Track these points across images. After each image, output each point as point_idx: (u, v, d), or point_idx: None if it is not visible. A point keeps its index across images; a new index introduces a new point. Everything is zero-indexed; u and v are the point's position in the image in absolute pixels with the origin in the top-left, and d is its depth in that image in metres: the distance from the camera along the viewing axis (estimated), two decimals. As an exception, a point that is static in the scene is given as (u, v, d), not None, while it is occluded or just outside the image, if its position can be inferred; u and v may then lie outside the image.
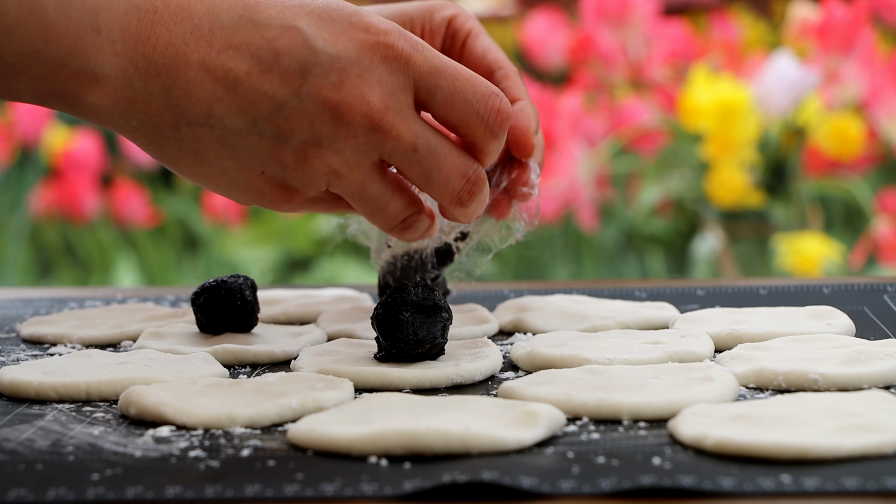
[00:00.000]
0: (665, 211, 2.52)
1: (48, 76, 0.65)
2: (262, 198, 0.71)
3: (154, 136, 0.69)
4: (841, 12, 2.19)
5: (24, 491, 0.55)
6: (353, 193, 0.71)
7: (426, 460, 0.57)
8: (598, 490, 0.54)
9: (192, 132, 0.68)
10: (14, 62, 0.65)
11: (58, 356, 0.76)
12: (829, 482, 0.53)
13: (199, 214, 2.92)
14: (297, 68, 0.68)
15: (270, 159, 0.69)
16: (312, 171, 0.69)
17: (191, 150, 0.69)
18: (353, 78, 0.68)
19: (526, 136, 0.80)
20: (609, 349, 0.73)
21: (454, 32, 0.83)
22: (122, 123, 0.68)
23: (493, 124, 0.72)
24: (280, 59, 0.67)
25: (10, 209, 2.81)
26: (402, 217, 0.73)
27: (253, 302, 0.80)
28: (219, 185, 0.71)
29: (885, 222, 2.17)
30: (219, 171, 0.70)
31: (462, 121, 0.71)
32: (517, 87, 0.82)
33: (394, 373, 0.70)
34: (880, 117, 2.20)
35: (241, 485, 0.55)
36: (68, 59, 0.65)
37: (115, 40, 0.66)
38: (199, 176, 0.71)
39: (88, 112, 0.67)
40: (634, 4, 2.28)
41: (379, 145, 0.69)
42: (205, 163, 0.69)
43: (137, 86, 0.67)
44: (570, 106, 2.31)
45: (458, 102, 0.71)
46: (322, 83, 0.68)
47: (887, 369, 0.68)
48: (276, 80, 0.68)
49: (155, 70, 0.67)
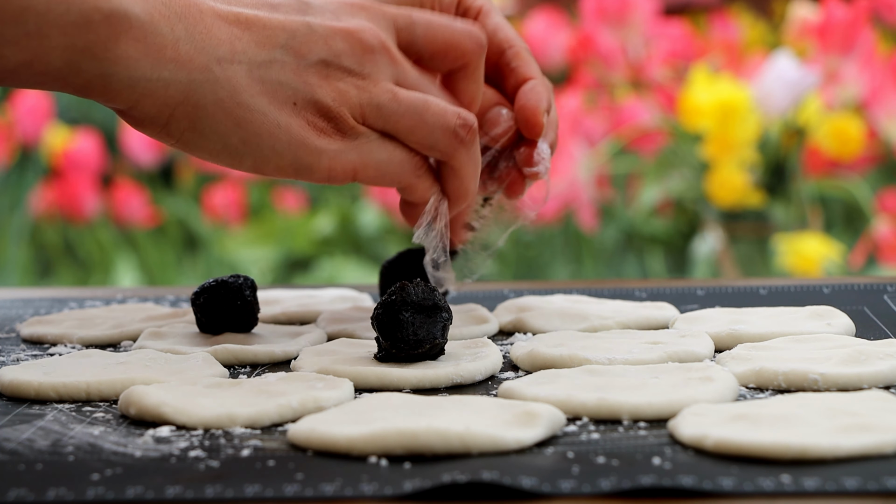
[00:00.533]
0: (665, 211, 2.52)
1: (80, 23, 0.66)
2: (307, 140, 0.73)
3: (189, 87, 0.70)
4: (841, 12, 2.19)
5: (24, 491, 0.55)
6: (389, 104, 0.74)
7: (426, 460, 0.57)
8: (598, 490, 0.54)
9: (223, 71, 0.70)
10: (45, 10, 0.66)
11: (58, 356, 0.76)
12: (829, 482, 0.53)
13: (199, 214, 2.92)
14: (296, 8, 0.74)
15: (298, 82, 0.72)
16: (338, 83, 0.73)
17: (227, 91, 0.71)
18: (346, 16, 0.75)
19: (535, 115, 0.81)
20: (609, 349, 0.73)
21: (465, 10, 0.83)
22: (154, 77, 0.69)
23: (474, 34, 0.78)
24: (278, 7, 0.74)
25: (10, 209, 2.81)
26: (455, 113, 0.76)
27: (253, 302, 0.80)
28: (261, 133, 0.72)
29: (885, 222, 2.17)
30: (259, 113, 0.71)
31: (447, 41, 0.77)
32: (528, 66, 0.83)
33: (394, 373, 0.70)
34: (880, 117, 2.20)
35: (241, 485, 0.55)
36: (99, 1, 0.67)
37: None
38: (241, 125, 0.71)
39: (120, 65, 0.68)
40: (634, 4, 2.28)
41: (390, 68, 0.75)
42: (243, 105, 0.71)
43: (164, 30, 0.69)
44: (570, 106, 2.31)
45: (436, 27, 0.77)
46: (323, 17, 0.74)
47: (887, 369, 0.68)
48: (282, 17, 0.73)
49: (175, 16, 0.69)
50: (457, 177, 0.77)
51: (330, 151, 0.73)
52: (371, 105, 0.74)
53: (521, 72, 0.82)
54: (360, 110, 0.74)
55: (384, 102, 0.74)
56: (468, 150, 0.76)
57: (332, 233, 2.79)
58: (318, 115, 0.73)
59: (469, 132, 0.76)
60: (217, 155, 0.72)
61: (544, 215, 2.28)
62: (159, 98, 0.69)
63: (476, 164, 0.78)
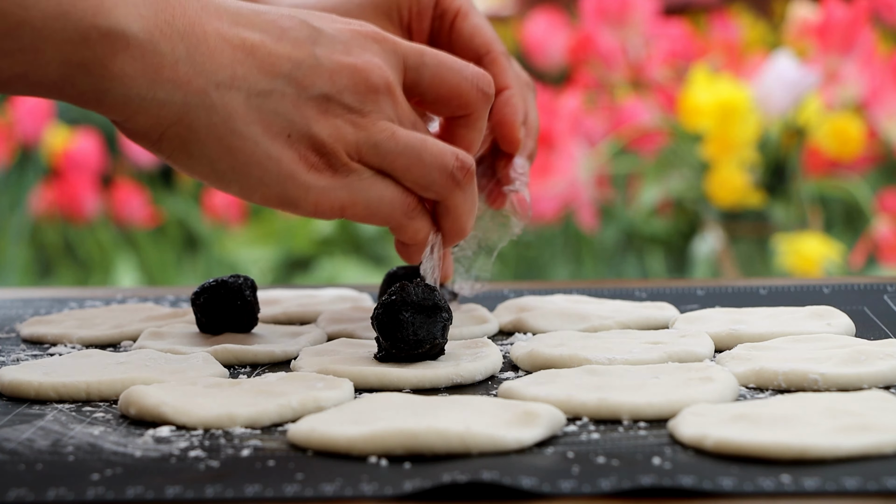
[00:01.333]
0: (665, 211, 2.52)
1: (76, 40, 0.65)
2: (296, 174, 0.71)
3: (183, 108, 0.68)
4: (841, 12, 2.19)
5: (24, 491, 0.55)
6: (386, 142, 0.72)
7: (426, 460, 0.57)
8: (598, 490, 0.54)
9: (220, 96, 0.69)
10: (41, 26, 0.65)
11: (58, 356, 0.76)
12: (829, 482, 0.53)
13: (199, 214, 2.92)
14: (305, 38, 0.71)
15: (295, 115, 0.70)
16: (336, 120, 0.71)
17: (221, 117, 0.69)
18: (357, 49, 0.72)
19: (512, 130, 0.81)
20: (609, 349, 0.73)
21: (442, 13, 0.82)
22: (149, 97, 0.68)
23: (483, 85, 0.75)
24: (287, 33, 0.71)
25: (10, 209, 2.81)
26: (453, 154, 0.74)
27: (253, 302, 0.80)
28: (250, 162, 0.70)
29: (885, 222, 2.17)
30: (251, 142, 0.70)
31: (453, 89, 0.75)
32: (505, 73, 0.82)
33: (394, 373, 0.70)
34: (880, 117, 2.20)
35: (241, 485, 0.55)
36: (97, 18, 0.65)
37: (139, 4, 0.67)
38: (231, 152, 0.70)
39: (116, 82, 0.67)
40: (634, 4, 2.28)
41: (391, 108, 0.73)
42: (236, 133, 0.69)
43: (164, 49, 0.67)
44: (570, 106, 2.31)
45: (445, 72, 0.75)
46: (332, 49, 0.72)
47: (887, 369, 0.68)
48: (290, 46, 0.71)
49: (178, 35, 0.68)
50: (451, 216, 0.76)
51: (318, 188, 0.72)
52: (368, 143, 0.72)
53: (497, 80, 0.81)
54: (355, 148, 0.72)
55: (382, 141, 0.72)
56: (464, 192, 0.75)
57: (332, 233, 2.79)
58: (312, 149, 0.71)
59: (466, 174, 0.74)
60: (205, 177, 0.71)
61: (544, 215, 2.28)
62: (153, 116, 0.69)
63: (472, 203, 0.76)
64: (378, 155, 0.72)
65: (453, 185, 0.74)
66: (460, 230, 0.77)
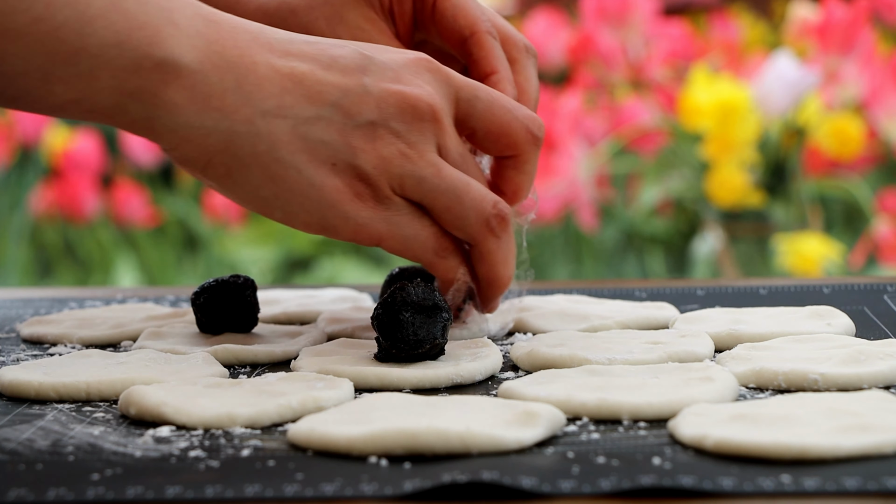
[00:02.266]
0: (665, 211, 2.52)
1: (131, 68, 0.67)
2: (337, 204, 0.71)
3: (229, 137, 0.69)
4: (841, 12, 2.19)
5: (24, 491, 0.55)
6: (431, 179, 0.72)
7: (426, 460, 0.57)
8: (598, 490, 0.54)
9: (266, 124, 0.70)
10: (98, 53, 0.66)
11: (58, 356, 0.76)
12: (829, 482, 0.53)
13: (199, 214, 2.92)
14: (355, 66, 0.71)
15: (341, 143, 0.71)
16: (382, 149, 0.71)
17: (266, 145, 0.70)
18: (408, 76, 0.72)
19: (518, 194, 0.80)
20: (609, 349, 0.73)
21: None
22: (197, 124, 0.69)
23: (533, 128, 0.75)
24: (337, 61, 0.71)
25: (10, 209, 2.81)
26: (492, 201, 0.74)
27: (253, 302, 0.80)
28: (293, 190, 0.71)
29: (885, 222, 2.17)
30: (294, 171, 0.70)
31: (503, 126, 0.74)
32: (490, 56, 0.80)
33: (394, 373, 0.70)
34: (880, 117, 2.20)
35: (241, 485, 0.55)
36: (152, 48, 0.67)
37: (192, 35, 0.68)
38: (275, 180, 0.71)
39: (165, 110, 0.68)
40: (634, 4, 2.28)
41: (439, 137, 0.72)
42: (280, 161, 0.70)
43: (213, 80, 0.68)
44: (570, 106, 2.31)
45: (497, 109, 0.74)
46: (381, 77, 0.71)
47: (887, 369, 0.68)
48: (339, 74, 0.71)
49: (227, 66, 0.69)
50: (486, 263, 0.75)
51: (359, 218, 0.72)
52: (413, 177, 0.72)
53: (482, 64, 0.79)
54: (399, 180, 0.72)
55: (427, 176, 0.72)
56: (498, 239, 0.75)
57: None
58: (356, 178, 0.71)
59: (501, 223, 0.74)
60: (249, 203, 0.72)
61: (544, 215, 2.28)
62: (199, 144, 0.70)
63: (507, 253, 0.75)
64: (421, 190, 0.72)
65: (486, 232, 0.74)
66: (496, 279, 0.76)
